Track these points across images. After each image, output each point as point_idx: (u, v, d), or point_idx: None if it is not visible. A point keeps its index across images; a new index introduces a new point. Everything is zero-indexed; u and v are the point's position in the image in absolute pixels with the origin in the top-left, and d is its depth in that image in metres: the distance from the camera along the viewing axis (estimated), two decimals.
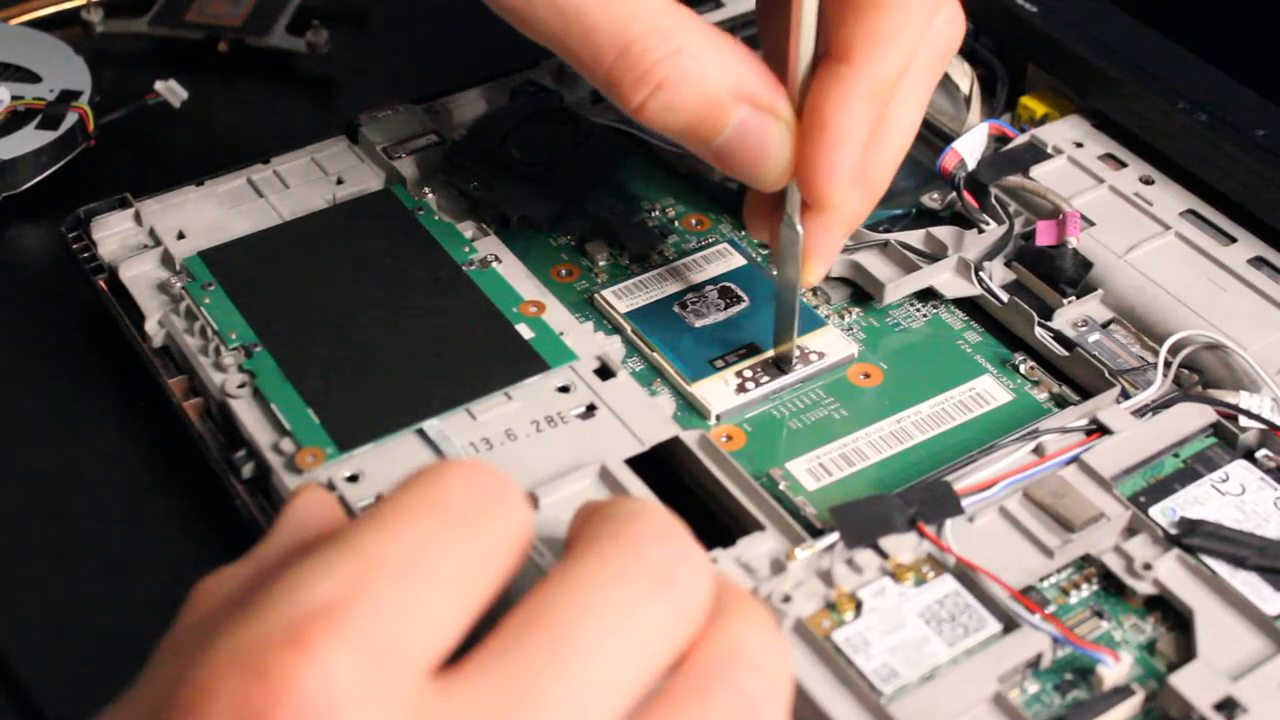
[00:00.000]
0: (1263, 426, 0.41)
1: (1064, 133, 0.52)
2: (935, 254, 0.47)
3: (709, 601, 0.28)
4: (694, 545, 0.28)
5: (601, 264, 0.48)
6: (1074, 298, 0.46)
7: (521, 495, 0.28)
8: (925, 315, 0.47)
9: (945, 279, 0.47)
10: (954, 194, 0.49)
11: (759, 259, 0.48)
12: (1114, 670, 0.35)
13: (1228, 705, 0.34)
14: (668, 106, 0.36)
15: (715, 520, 0.40)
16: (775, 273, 0.42)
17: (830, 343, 0.45)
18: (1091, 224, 0.48)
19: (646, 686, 0.26)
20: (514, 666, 0.25)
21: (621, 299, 0.46)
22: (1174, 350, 0.44)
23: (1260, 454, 0.41)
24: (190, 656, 0.25)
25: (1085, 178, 0.50)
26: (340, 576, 0.25)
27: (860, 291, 0.47)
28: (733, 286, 0.47)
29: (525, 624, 0.26)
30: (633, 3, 0.36)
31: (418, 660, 0.25)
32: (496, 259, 0.46)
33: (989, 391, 0.44)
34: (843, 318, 0.47)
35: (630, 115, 0.37)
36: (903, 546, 0.37)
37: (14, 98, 0.54)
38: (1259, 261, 0.47)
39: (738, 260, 0.48)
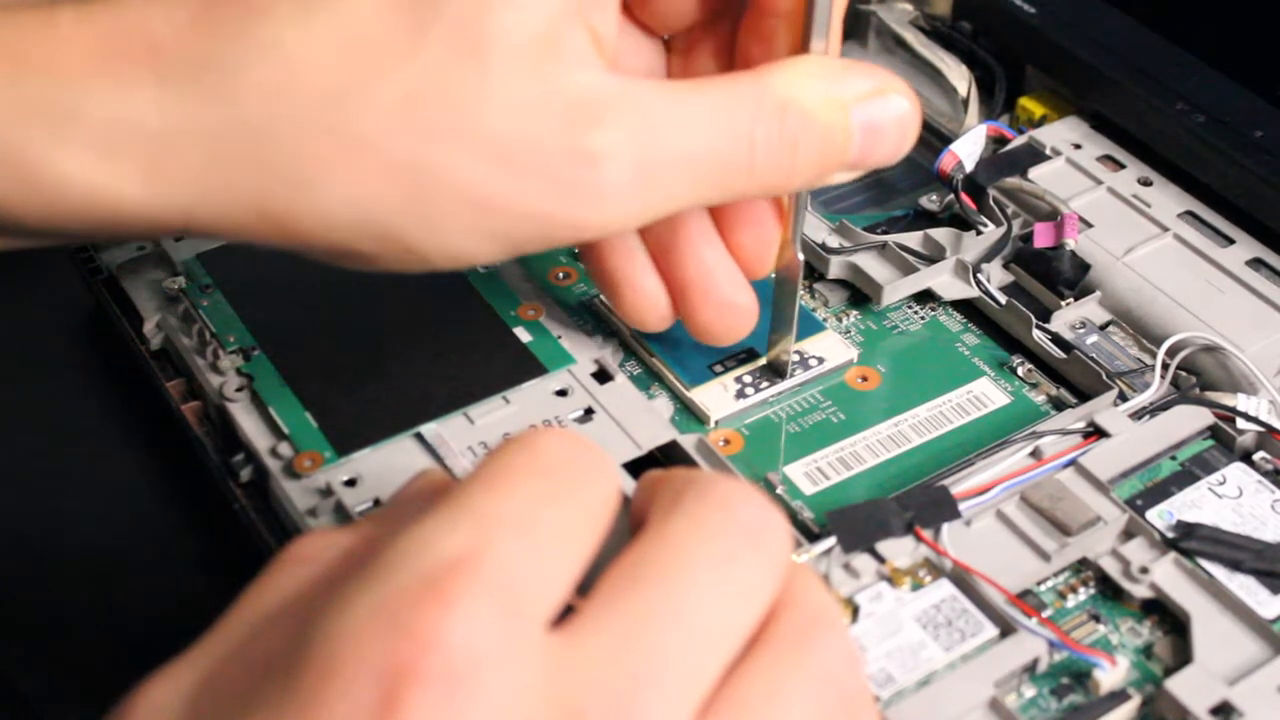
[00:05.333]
0: (1260, 429, 0.41)
1: (1062, 134, 0.52)
2: (933, 256, 0.47)
3: (789, 559, 0.28)
4: (774, 507, 0.28)
5: None
6: (1072, 300, 0.46)
7: (611, 463, 0.28)
8: (923, 317, 0.47)
9: (943, 281, 0.47)
10: (952, 196, 0.49)
11: None
12: (1111, 674, 0.35)
13: (1224, 709, 0.34)
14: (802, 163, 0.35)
15: None
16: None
17: (829, 348, 0.45)
18: (1089, 226, 0.48)
19: (747, 637, 0.27)
20: (629, 616, 0.26)
21: None
22: (1172, 352, 0.44)
23: (1258, 456, 0.41)
24: (315, 616, 0.24)
25: (1083, 179, 0.50)
26: (462, 532, 0.25)
27: (858, 294, 0.47)
28: None
29: (631, 577, 0.26)
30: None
31: (541, 613, 0.25)
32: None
33: (987, 394, 0.44)
34: (840, 320, 0.47)
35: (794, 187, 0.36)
36: (899, 551, 0.37)
37: None
38: (1257, 263, 0.47)
39: None
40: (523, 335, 0.44)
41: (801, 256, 0.41)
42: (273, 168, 0.31)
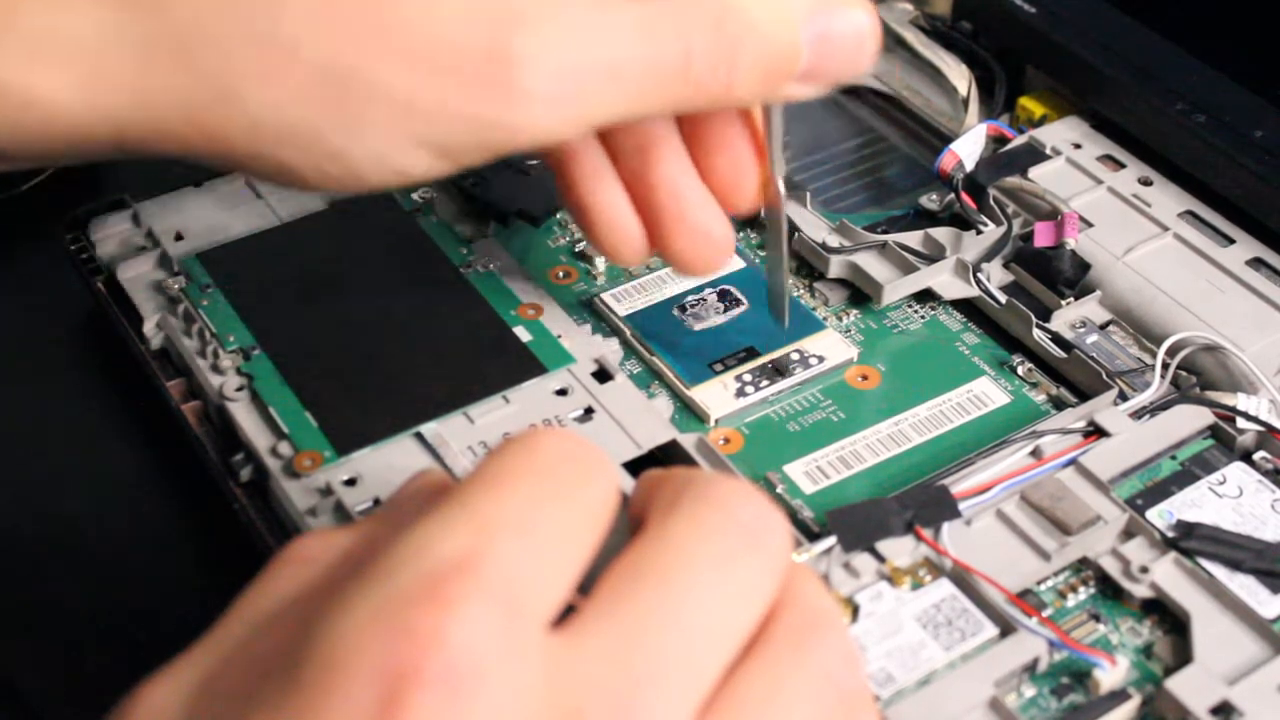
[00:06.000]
0: (1260, 428, 0.41)
1: (1062, 134, 0.52)
2: (933, 255, 0.47)
3: (789, 560, 0.28)
4: (773, 507, 0.28)
5: (600, 266, 0.48)
6: (1072, 299, 0.46)
7: (610, 463, 0.28)
8: (923, 317, 0.47)
9: (943, 280, 0.47)
10: (952, 195, 0.49)
11: (758, 261, 0.48)
12: (1111, 674, 0.35)
13: (1224, 709, 0.34)
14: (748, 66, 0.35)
15: None
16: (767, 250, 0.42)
17: (830, 346, 0.45)
18: (1090, 225, 0.48)
19: (746, 637, 0.27)
20: (629, 616, 0.26)
21: (620, 302, 0.46)
22: (1172, 352, 0.44)
23: (1258, 456, 0.41)
24: (316, 616, 0.24)
25: (1083, 179, 0.50)
26: (462, 533, 0.25)
27: (858, 293, 0.47)
28: (732, 290, 0.47)
29: (631, 577, 0.26)
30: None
31: (541, 614, 0.25)
32: (494, 261, 0.47)
33: (987, 394, 0.44)
34: (840, 319, 0.47)
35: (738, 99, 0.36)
36: (900, 550, 0.37)
37: None
38: (1257, 263, 0.47)
39: (737, 263, 0.48)
40: (523, 335, 0.44)
41: (784, 189, 0.40)
42: (200, 75, 0.31)
